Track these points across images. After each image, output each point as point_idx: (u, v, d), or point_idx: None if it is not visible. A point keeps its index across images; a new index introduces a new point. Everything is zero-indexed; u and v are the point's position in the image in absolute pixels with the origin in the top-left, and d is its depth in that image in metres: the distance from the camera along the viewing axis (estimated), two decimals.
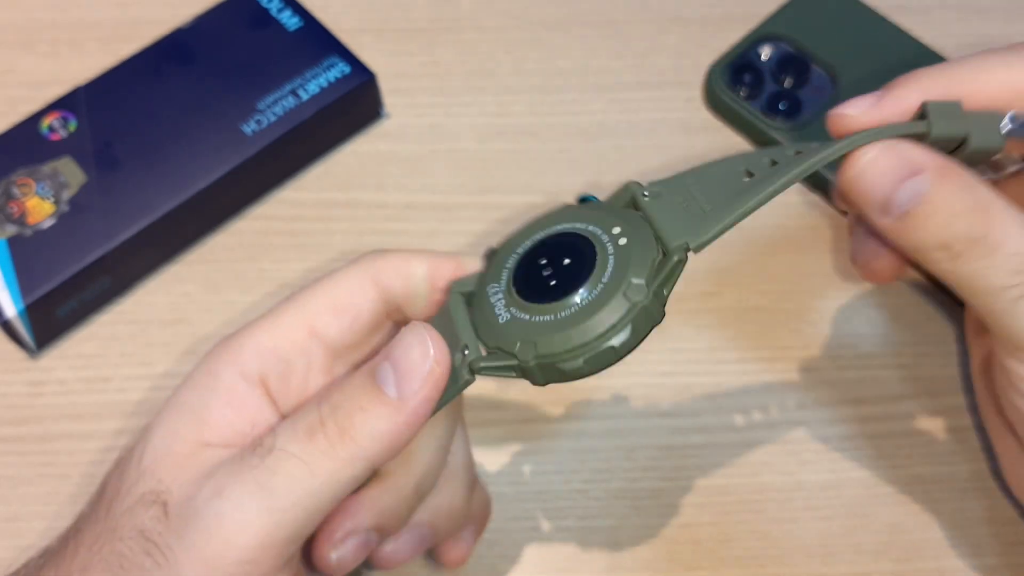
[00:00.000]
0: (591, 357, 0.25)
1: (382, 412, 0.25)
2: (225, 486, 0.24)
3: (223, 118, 0.42)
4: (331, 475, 0.25)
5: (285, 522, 0.24)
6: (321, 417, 0.25)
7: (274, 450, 0.25)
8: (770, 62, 0.45)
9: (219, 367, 0.27)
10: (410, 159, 0.44)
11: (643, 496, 0.37)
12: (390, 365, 0.25)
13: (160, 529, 0.24)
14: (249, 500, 0.24)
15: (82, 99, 0.42)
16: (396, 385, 0.25)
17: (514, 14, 0.48)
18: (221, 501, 0.24)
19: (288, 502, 0.24)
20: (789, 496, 0.37)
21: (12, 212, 0.39)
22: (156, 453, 0.26)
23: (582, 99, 0.46)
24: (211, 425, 0.26)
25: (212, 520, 0.24)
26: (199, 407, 0.26)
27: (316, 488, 0.24)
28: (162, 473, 0.25)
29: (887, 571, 0.36)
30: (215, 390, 0.27)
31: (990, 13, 0.48)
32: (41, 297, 0.38)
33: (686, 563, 0.36)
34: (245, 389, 0.27)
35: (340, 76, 0.43)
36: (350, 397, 0.25)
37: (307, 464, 0.24)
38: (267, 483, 0.24)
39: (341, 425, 0.25)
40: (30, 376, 0.39)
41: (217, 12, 0.45)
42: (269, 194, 0.43)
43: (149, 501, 0.25)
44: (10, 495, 0.37)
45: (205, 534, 0.24)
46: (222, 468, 0.25)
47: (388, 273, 0.28)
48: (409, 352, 0.25)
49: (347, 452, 0.25)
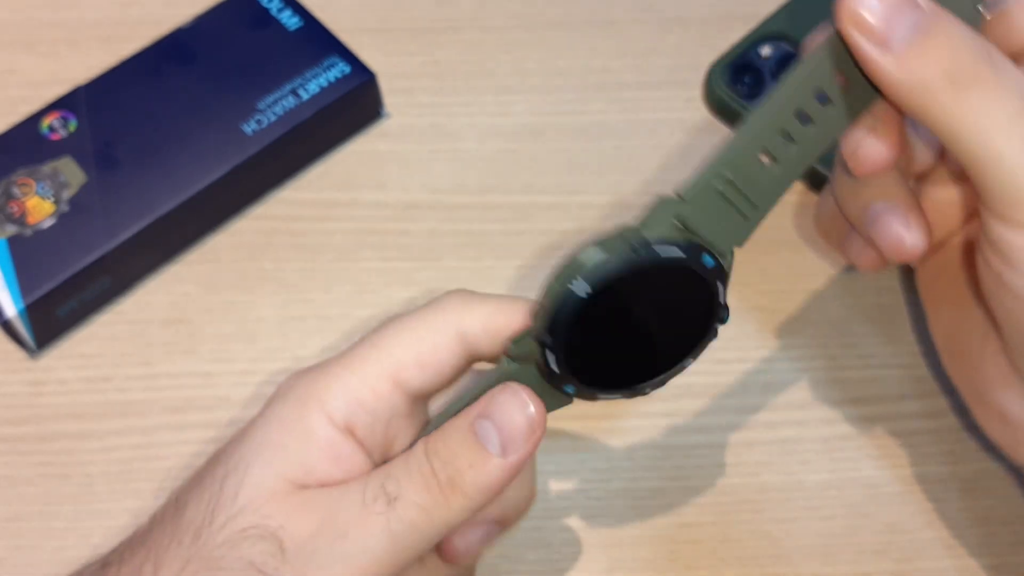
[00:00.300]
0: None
1: (488, 470, 0.26)
2: (350, 529, 0.26)
3: (223, 118, 0.42)
4: (444, 522, 0.26)
5: (401, 562, 0.26)
6: (434, 470, 0.26)
7: (400, 499, 0.26)
8: (770, 62, 0.45)
9: (310, 413, 0.27)
10: (410, 159, 0.44)
11: (643, 496, 0.37)
12: (492, 426, 0.26)
13: (276, 564, 0.25)
14: (375, 543, 0.26)
15: (82, 99, 0.42)
16: (500, 446, 0.26)
17: (514, 14, 0.48)
18: (346, 543, 0.26)
19: (405, 544, 0.26)
20: (789, 496, 0.37)
21: (12, 212, 0.39)
22: (257, 489, 0.26)
23: (582, 99, 0.46)
24: (312, 472, 0.27)
25: (338, 560, 0.25)
26: (298, 452, 0.27)
27: (428, 532, 0.26)
28: (268, 510, 0.26)
29: (887, 571, 0.36)
30: (311, 437, 0.27)
31: None
32: (41, 297, 0.38)
33: (686, 563, 0.36)
34: (340, 439, 0.27)
35: (340, 76, 0.43)
36: (457, 455, 0.26)
37: (427, 513, 0.26)
38: (394, 529, 0.26)
39: (453, 480, 0.26)
40: (30, 376, 0.39)
41: (217, 12, 0.45)
42: (269, 194, 0.43)
43: (256, 536, 0.26)
44: (10, 495, 0.37)
45: (328, 572, 0.25)
46: (341, 511, 0.26)
47: (475, 328, 0.28)
48: (513, 418, 0.26)
49: (458, 504, 0.26)
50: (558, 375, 0.27)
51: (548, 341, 0.26)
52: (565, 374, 0.27)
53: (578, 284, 0.26)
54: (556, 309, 0.26)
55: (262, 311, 0.41)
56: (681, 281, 0.27)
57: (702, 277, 0.27)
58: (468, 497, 0.26)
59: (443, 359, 0.28)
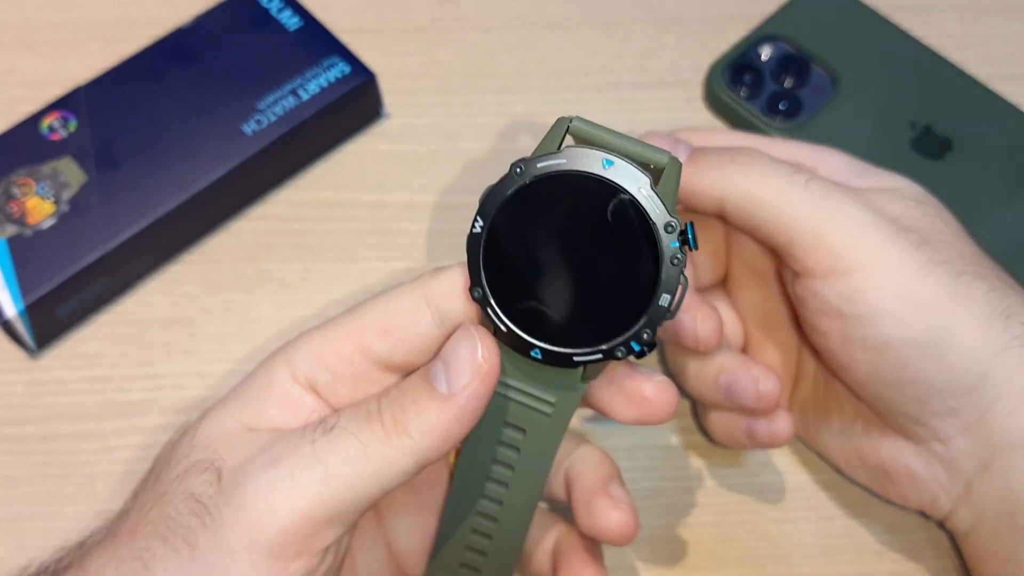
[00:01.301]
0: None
1: (432, 406, 0.26)
2: (282, 456, 0.26)
3: (223, 118, 0.42)
4: (383, 462, 0.26)
5: (332, 501, 0.25)
6: (379, 407, 0.26)
7: (335, 428, 0.26)
8: (770, 62, 0.45)
9: (275, 368, 0.28)
10: (410, 159, 0.44)
11: (643, 496, 0.37)
12: (441, 362, 0.26)
13: (211, 492, 0.26)
14: (303, 471, 0.25)
15: (82, 99, 0.42)
16: (446, 381, 0.26)
17: (514, 14, 0.48)
18: (276, 469, 0.25)
19: (339, 480, 0.25)
20: (789, 496, 0.37)
21: (12, 212, 0.39)
22: (211, 431, 0.27)
23: (582, 99, 0.46)
24: (265, 417, 0.28)
25: (264, 486, 0.25)
26: (256, 400, 0.28)
27: (367, 472, 0.26)
28: (217, 445, 0.27)
29: (887, 571, 0.36)
30: (270, 389, 0.28)
31: (990, 13, 0.48)
32: (41, 297, 0.38)
33: (686, 563, 0.36)
34: (298, 392, 0.28)
35: (340, 76, 0.43)
36: (405, 392, 0.27)
37: (363, 445, 0.26)
38: (323, 456, 0.25)
39: (396, 416, 0.26)
40: (30, 376, 0.39)
41: (217, 12, 0.45)
42: (269, 194, 0.43)
43: (202, 468, 0.26)
44: (10, 495, 0.37)
45: (253, 498, 0.25)
46: (280, 441, 0.26)
47: (444, 295, 0.28)
48: (457, 348, 0.26)
49: (399, 442, 0.26)
50: (509, 333, 0.26)
51: (478, 295, 0.26)
52: (515, 332, 0.26)
53: (476, 223, 0.25)
54: (469, 258, 0.26)
55: (262, 311, 0.41)
56: (594, 199, 0.25)
57: (611, 187, 0.25)
58: (409, 435, 0.26)
59: (407, 326, 0.28)
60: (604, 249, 0.25)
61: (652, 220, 0.25)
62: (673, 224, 0.25)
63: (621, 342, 0.25)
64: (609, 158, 0.25)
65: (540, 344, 0.26)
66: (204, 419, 0.28)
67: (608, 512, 0.29)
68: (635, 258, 0.25)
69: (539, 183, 0.25)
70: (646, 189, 0.25)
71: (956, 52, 0.45)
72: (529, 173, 0.25)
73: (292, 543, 0.25)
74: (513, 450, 0.29)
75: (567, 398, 0.27)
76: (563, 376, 0.27)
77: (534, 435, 0.28)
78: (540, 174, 0.25)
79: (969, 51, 0.46)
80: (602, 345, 0.26)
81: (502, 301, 0.26)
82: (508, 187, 0.25)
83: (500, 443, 0.29)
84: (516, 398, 0.28)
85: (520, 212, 0.25)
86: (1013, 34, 0.48)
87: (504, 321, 0.26)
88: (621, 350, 0.25)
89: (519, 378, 0.27)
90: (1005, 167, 0.42)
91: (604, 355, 0.26)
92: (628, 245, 0.25)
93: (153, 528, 0.26)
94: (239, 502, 0.25)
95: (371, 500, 0.26)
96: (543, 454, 0.29)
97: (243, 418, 0.28)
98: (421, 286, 0.28)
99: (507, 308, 0.26)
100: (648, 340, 0.25)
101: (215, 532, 0.25)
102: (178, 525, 0.25)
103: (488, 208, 0.25)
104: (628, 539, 0.29)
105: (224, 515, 0.25)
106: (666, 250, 0.25)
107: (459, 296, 0.27)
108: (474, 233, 0.26)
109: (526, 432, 0.28)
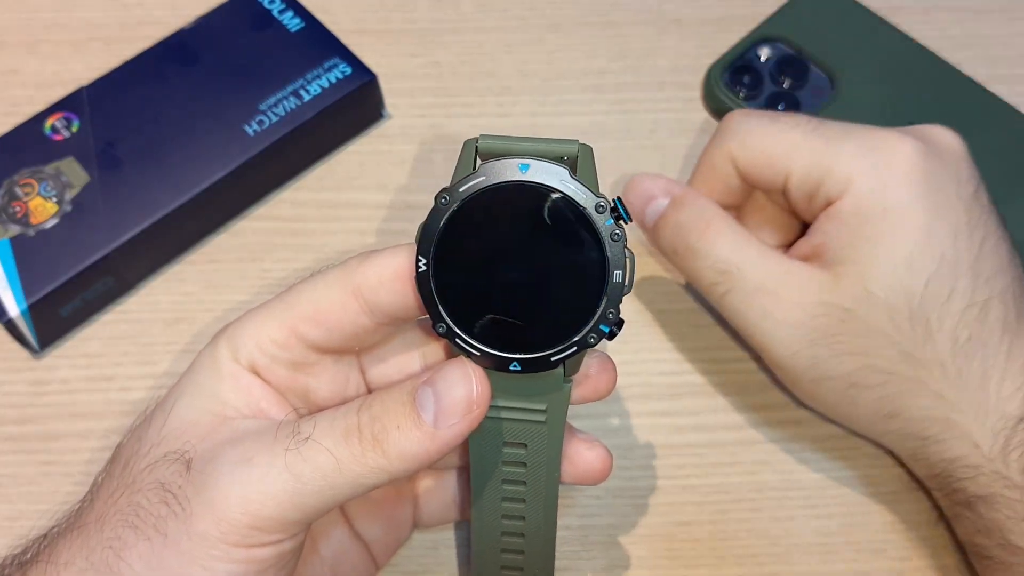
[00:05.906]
0: None
1: (415, 436, 0.26)
2: (255, 455, 0.26)
3: (225, 118, 0.42)
4: (355, 478, 0.26)
5: (303, 505, 0.26)
6: (359, 423, 0.26)
7: (310, 440, 0.26)
8: (769, 63, 0.45)
9: (219, 351, 0.29)
10: (411, 159, 0.44)
11: (642, 495, 0.37)
12: (432, 394, 0.26)
13: (180, 482, 0.26)
14: (276, 475, 0.25)
15: (85, 100, 0.42)
16: (434, 415, 0.26)
17: (514, 14, 0.48)
18: (249, 468, 0.26)
19: (310, 489, 0.26)
20: (788, 494, 0.37)
21: (15, 212, 0.39)
22: (181, 421, 0.27)
23: (582, 99, 0.46)
24: (227, 404, 0.28)
25: (236, 482, 0.25)
26: (211, 387, 0.28)
27: (338, 484, 0.26)
28: (188, 436, 0.27)
29: (886, 569, 0.36)
30: (219, 371, 0.28)
31: (989, 14, 0.48)
32: (44, 297, 0.38)
33: (686, 561, 0.36)
34: (243, 374, 0.28)
35: (341, 77, 0.43)
36: (389, 411, 0.26)
37: (337, 461, 0.26)
38: (296, 467, 0.26)
39: (376, 436, 0.26)
40: (33, 375, 0.40)
41: (219, 13, 0.45)
42: (271, 194, 0.44)
43: (172, 459, 0.27)
44: (13, 493, 0.37)
45: (225, 492, 0.25)
46: (251, 438, 0.26)
47: (369, 280, 0.27)
48: (453, 389, 0.26)
49: (375, 462, 0.26)
50: (483, 355, 0.26)
51: (442, 330, 0.26)
52: (489, 352, 0.26)
53: (419, 263, 0.26)
54: (423, 298, 0.26)
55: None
56: (522, 204, 0.26)
57: (534, 187, 0.26)
58: (387, 458, 0.26)
59: (338, 316, 0.28)
60: (547, 247, 0.26)
61: (581, 206, 0.26)
62: (603, 204, 0.26)
63: (590, 328, 0.26)
64: (524, 162, 0.26)
65: (516, 356, 0.26)
66: (168, 407, 0.28)
67: (586, 454, 0.31)
68: (578, 247, 0.26)
69: (468, 205, 0.26)
70: (567, 179, 0.26)
71: (955, 53, 0.46)
72: (455, 199, 0.26)
73: (261, 536, 0.26)
74: (519, 466, 0.29)
75: (556, 400, 0.28)
76: (546, 380, 0.27)
77: (535, 446, 0.29)
78: (466, 196, 0.26)
79: (968, 52, 0.46)
80: (574, 337, 0.26)
81: (467, 327, 0.26)
82: (440, 218, 0.26)
83: (506, 463, 0.29)
84: (508, 416, 0.28)
85: (458, 238, 0.26)
86: (1012, 35, 0.48)
87: (475, 346, 0.26)
88: (593, 336, 0.26)
89: (506, 396, 0.28)
90: (1004, 167, 0.42)
91: (579, 346, 0.26)
92: (568, 237, 0.26)
93: (123, 517, 0.26)
94: (210, 495, 0.25)
95: (340, 503, 0.27)
96: (549, 461, 0.29)
97: (208, 406, 0.28)
98: (348, 276, 0.28)
99: (473, 332, 0.26)
100: (614, 319, 0.26)
101: (185, 521, 0.25)
102: (148, 513, 0.26)
103: (426, 245, 0.26)
104: (607, 473, 0.31)
105: (194, 506, 0.25)
106: (603, 229, 0.26)
107: (387, 288, 0.27)
108: (420, 272, 0.26)
109: (527, 446, 0.29)
